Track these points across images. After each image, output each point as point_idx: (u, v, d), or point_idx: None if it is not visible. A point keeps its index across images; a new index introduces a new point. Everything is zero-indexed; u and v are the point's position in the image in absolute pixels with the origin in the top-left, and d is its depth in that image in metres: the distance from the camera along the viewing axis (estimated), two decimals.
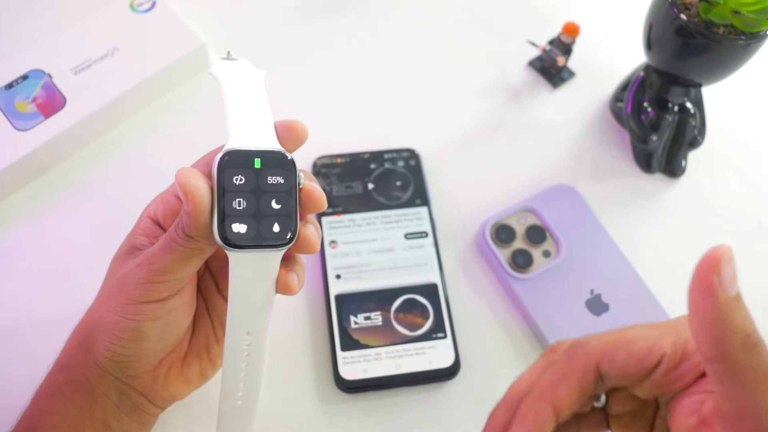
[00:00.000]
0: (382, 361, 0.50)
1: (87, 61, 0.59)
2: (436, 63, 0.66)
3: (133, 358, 0.37)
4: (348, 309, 0.51)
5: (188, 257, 0.35)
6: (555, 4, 0.70)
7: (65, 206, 0.56)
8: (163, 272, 0.35)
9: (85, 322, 0.39)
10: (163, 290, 0.36)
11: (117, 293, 0.36)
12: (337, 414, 0.49)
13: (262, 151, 0.34)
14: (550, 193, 0.57)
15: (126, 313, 0.36)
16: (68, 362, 0.38)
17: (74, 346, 0.38)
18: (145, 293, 0.36)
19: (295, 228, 0.34)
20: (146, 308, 0.36)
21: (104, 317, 0.37)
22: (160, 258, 0.35)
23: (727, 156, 0.63)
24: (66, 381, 0.37)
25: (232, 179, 0.33)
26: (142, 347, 0.37)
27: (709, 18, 0.49)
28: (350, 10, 0.68)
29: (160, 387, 0.40)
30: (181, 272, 0.36)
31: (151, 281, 0.35)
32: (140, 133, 0.60)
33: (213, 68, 0.38)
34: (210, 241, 0.34)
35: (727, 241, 0.59)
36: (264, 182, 0.34)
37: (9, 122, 0.56)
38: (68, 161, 0.58)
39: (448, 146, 0.61)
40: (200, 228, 0.33)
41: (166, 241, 0.35)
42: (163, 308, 0.36)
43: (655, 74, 0.58)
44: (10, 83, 0.57)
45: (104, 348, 0.37)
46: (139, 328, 0.36)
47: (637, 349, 0.31)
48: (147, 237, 0.38)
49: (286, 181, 0.34)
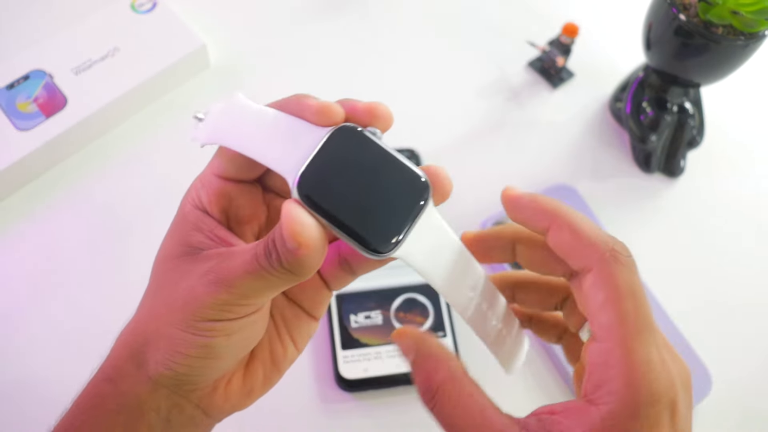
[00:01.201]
0: (383, 360, 0.50)
1: (88, 61, 0.59)
2: (436, 63, 0.66)
3: (198, 376, 0.33)
4: (348, 308, 0.52)
5: (283, 286, 0.30)
6: (554, 5, 0.70)
7: (66, 206, 0.56)
8: (247, 297, 0.30)
9: (134, 333, 0.34)
10: (244, 312, 0.31)
11: (181, 308, 0.31)
12: (338, 412, 0.49)
13: (320, 151, 0.29)
14: (550, 193, 0.58)
15: (195, 330, 0.31)
16: (114, 374, 0.33)
17: (122, 359, 0.33)
18: (221, 314, 0.31)
19: (418, 171, 0.29)
20: (219, 325, 0.31)
21: (163, 332, 0.32)
22: (245, 282, 0.30)
23: (726, 156, 0.63)
24: (111, 394, 0.33)
25: (331, 198, 0.28)
26: (212, 365, 0.32)
27: (708, 18, 0.49)
28: (350, 11, 0.68)
29: (219, 399, 0.35)
30: (270, 296, 0.31)
31: (231, 304, 0.31)
32: (141, 132, 0.60)
33: (200, 138, 0.32)
34: (315, 271, 0.30)
35: (726, 240, 0.60)
36: (349, 174, 0.29)
37: (10, 122, 0.56)
38: (69, 161, 0.58)
39: (448, 146, 0.61)
40: (311, 268, 0.29)
41: (253, 264, 0.30)
42: (237, 324, 0.32)
43: (654, 74, 0.59)
44: (12, 83, 0.57)
45: (163, 366, 0.32)
46: (211, 345, 0.31)
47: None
48: (204, 234, 0.33)
49: (363, 152, 0.29)
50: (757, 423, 0.51)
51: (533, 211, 0.32)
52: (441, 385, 0.31)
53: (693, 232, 0.59)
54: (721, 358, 0.51)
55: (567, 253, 0.31)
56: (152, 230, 0.55)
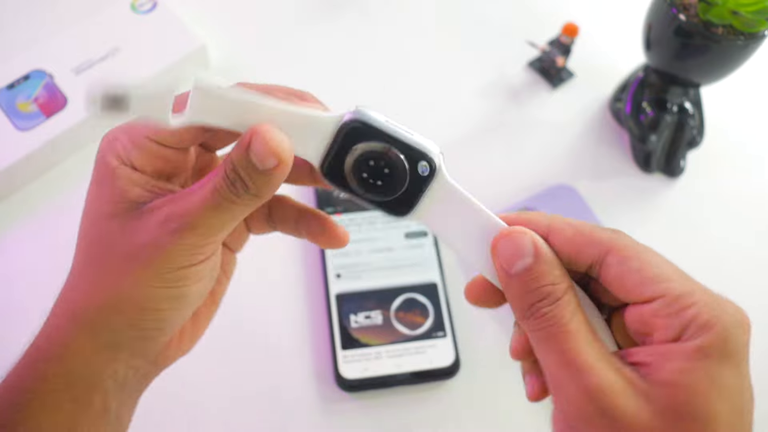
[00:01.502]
0: (383, 360, 0.50)
1: (88, 61, 0.59)
2: (436, 63, 0.66)
3: (167, 329, 0.32)
4: (348, 308, 0.52)
5: (244, 214, 0.30)
6: (554, 5, 0.70)
7: (66, 206, 0.56)
8: (212, 234, 0.30)
9: (83, 303, 0.31)
10: (211, 250, 0.31)
11: (145, 263, 0.29)
12: (338, 412, 0.49)
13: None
14: (550, 193, 0.58)
15: (165, 282, 0.30)
16: (62, 352, 0.31)
17: (72, 333, 0.31)
18: (190, 258, 0.30)
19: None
20: (191, 271, 0.30)
21: (125, 292, 0.30)
22: (208, 218, 0.29)
23: (726, 156, 0.63)
24: (58, 373, 0.31)
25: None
26: (182, 315, 0.32)
27: (708, 18, 0.49)
28: (350, 11, 0.68)
29: (173, 350, 0.34)
30: (232, 227, 0.30)
31: (198, 244, 0.30)
32: None
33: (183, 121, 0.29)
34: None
35: (725, 241, 0.60)
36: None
37: (10, 122, 0.56)
38: (69, 161, 0.58)
39: (448, 146, 0.61)
40: (278, 186, 0.29)
41: (214, 199, 0.29)
42: (207, 265, 0.31)
43: (654, 74, 0.59)
44: (12, 83, 0.57)
45: (129, 326, 0.31)
46: (184, 294, 0.31)
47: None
48: (144, 188, 0.31)
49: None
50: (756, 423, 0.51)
51: (579, 246, 0.30)
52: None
53: (693, 232, 0.59)
54: None
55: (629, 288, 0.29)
56: None
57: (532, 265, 0.29)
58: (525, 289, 0.29)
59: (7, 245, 0.54)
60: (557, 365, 0.27)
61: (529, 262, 0.29)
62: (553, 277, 0.29)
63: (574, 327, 0.28)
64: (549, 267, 0.29)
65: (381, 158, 0.31)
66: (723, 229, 0.59)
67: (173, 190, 0.31)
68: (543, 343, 0.28)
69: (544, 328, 0.28)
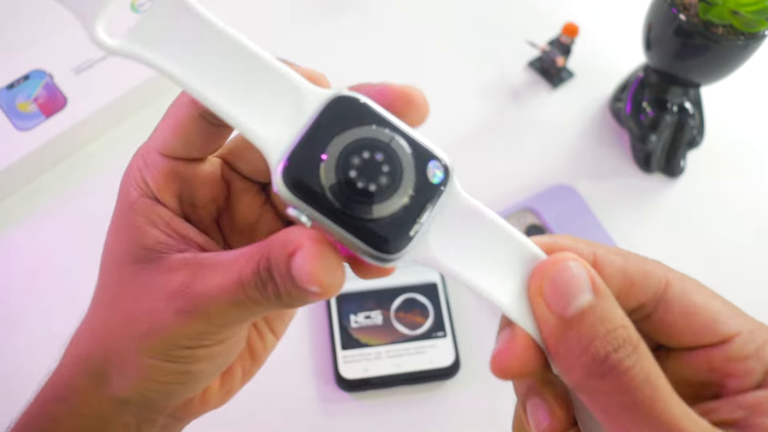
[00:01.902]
0: (383, 360, 0.50)
1: (88, 61, 0.59)
2: (436, 63, 0.66)
3: (175, 398, 0.28)
4: (348, 308, 0.52)
5: (268, 312, 0.25)
6: (554, 4, 0.70)
7: (66, 206, 0.56)
8: (226, 326, 0.26)
9: (89, 348, 0.28)
10: (223, 338, 0.27)
11: (146, 334, 0.26)
12: (338, 412, 0.49)
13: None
14: (550, 193, 0.58)
15: (170, 358, 0.26)
16: (69, 394, 0.28)
17: (76, 377, 0.28)
18: (197, 342, 0.26)
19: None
20: (198, 352, 0.26)
21: (127, 357, 0.27)
22: (225, 312, 0.24)
23: (726, 156, 0.63)
24: (66, 416, 0.28)
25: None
26: (193, 387, 0.28)
27: (708, 18, 0.49)
28: (350, 10, 0.68)
29: (196, 407, 0.30)
30: (251, 321, 0.27)
31: (208, 332, 0.25)
32: (141, 133, 0.60)
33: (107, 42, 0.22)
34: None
35: (725, 241, 0.60)
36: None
37: (10, 122, 0.56)
38: (69, 161, 0.58)
39: (448, 146, 0.61)
40: (311, 300, 0.24)
41: (237, 295, 0.24)
42: (219, 348, 0.27)
43: (654, 74, 0.59)
44: (12, 83, 0.57)
45: (132, 391, 0.27)
46: (191, 371, 0.27)
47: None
48: (159, 229, 0.27)
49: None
50: None
51: (633, 279, 0.24)
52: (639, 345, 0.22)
53: (693, 232, 0.59)
54: None
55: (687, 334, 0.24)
56: None
57: (595, 303, 0.22)
58: (592, 336, 0.21)
59: (6, 245, 0.54)
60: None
61: (589, 300, 0.22)
62: (621, 317, 0.22)
63: (667, 387, 0.21)
64: (614, 305, 0.22)
65: (382, 149, 0.22)
66: (723, 229, 0.59)
67: (193, 240, 0.27)
68: (628, 411, 0.21)
69: (629, 391, 0.21)
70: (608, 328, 0.21)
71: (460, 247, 0.23)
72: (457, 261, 0.23)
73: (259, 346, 0.32)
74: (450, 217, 0.23)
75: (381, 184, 0.22)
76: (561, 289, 0.22)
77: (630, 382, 0.21)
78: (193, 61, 0.22)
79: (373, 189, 0.21)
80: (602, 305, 0.22)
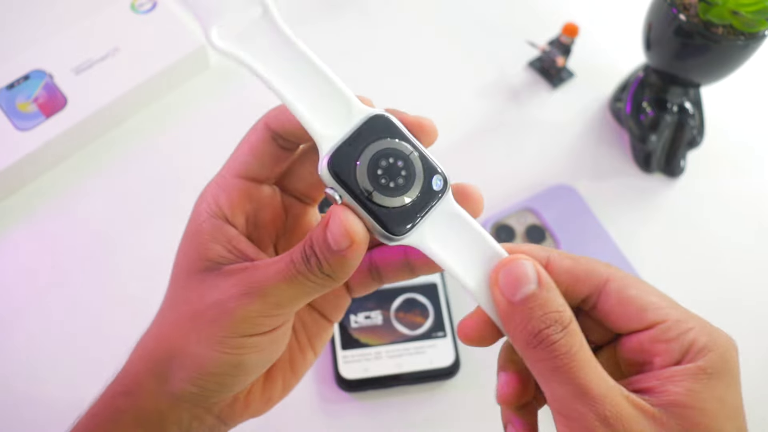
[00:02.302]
0: (383, 360, 0.50)
1: (88, 61, 0.59)
2: (435, 63, 0.66)
3: (225, 392, 0.32)
4: (348, 308, 0.51)
5: (318, 292, 0.30)
6: (554, 5, 0.70)
7: (66, 206, 0.56)
8: (281, 306, 0.30)
9: (155, 347, 0.33)
10: (276, 323, 0.31)
11: (211, 324, 0.30)
12: (338, 412, 0.49)
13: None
14: (550, 193, 0.58)
15: (225, 347, 0.30)
16: (135, 389, 0.33)
17: (142, 373, 0.33)
18: (254, 327, 0.30)
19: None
20: (250, 341, 0.31)
21: (189, 350, 0.31)
22: (280, 290, 0.29)
23: (726, 156, 0.63)
24: (130, 408, 0.32)
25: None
26: (240, 381, 0.32)
27: (708, 18, 0.49)
28: (350, 11, 0.68)
29: (239, 409, 0.35)
30: (303, 304, 0.31)
31: (265, 315, 0.30)
32: (141, 132, 0.60)
33: (218, 43, 0.29)
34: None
35: (725, 240, 0.60)
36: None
37: (10, 122, 0.56)
38: (69, 161, 0.58)
39: (448, 146, 0.61)
40: (351, 270, 0.29)
41: (289, 270, 0.29)
42: (269, 338, 0.31)
43: (654, 74, 0.59)
44: (12, 83, 0.57)
45: (189, 383, 0.31)
46: (242, 363, 0.31)
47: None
48: (221, 245, 0.32)
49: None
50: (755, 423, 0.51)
51: (578, 276, 0.30)
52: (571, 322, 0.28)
53: (693, 232, 0.59)
54: None
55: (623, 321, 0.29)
56: (152, 230, 0.56)
57: (536, 292, 0.28)
58: (530, 317, 0.28)
59: (6, 245, 0.54)
60: (571, 396, 0.27)
61: (533, 289, 0.28)
62: (557, 304, 0.28)
63: (585, 356, 0.27)
64: (554, 294, 0.28)
65: (403, 158, 0.29)
66: (723, 229, 0.59)
67: (252, 257, 0.32)
68: (552, 373, 0.27)
69: (553, 358, 0.27)
70: (545, 311, 0.28)
71: (446, 240, 0.30)
72: (441, 249, 0.30)
73: (300, 360, 0.36)
74: (442, 217, 0.30)
75: (398, 184, 0.29)
76: (512, 280, 0.29)
77: (554, 351, 0.27)
78: (281, 69, 0.30)
79: (392, 186, 0.29)
80: (543, 294, 0.28)
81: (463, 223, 0.30)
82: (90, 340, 0.51)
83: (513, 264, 0.29)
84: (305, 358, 0.36)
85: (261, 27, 0.30)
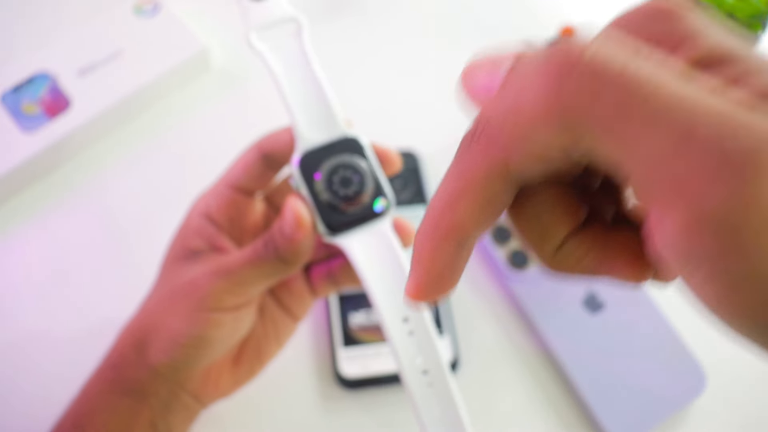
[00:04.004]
0: (383, 358, 0.50)
1: (92, 63, 0.60)
2: (435, 64, 0.67)
3: (192, 364, 0.37)
4: (348, 306, 0.52)
5: (274, 275, 0.36)
6: (552, 6, 0.71)
7: (70, 208, 0.57)
8: (243, 285, 0.36)
9: (138, 323, 0.38)
10: (238, 301, 0.36)
11: (183, 298, 0.36)
12: (337, 410, 0.50)
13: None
14: None
15: (192, 320, 0.36)
16: (119, 361, 0.38)
17: (126, 346, 0.38)
18: (218, 302, 0.36)
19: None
20: (214, 317, 0.36)
21: (164, 322, 0.37)
22: (243, 271, 0.35)
23: None
24: (116, 379, 0.37)
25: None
26: (204, 354, 0.37)
27: None
28: (349, 12, 0.69)
29: (211, 388, 0.40)
30: (263, 286, 0.36)
31: (228, 292, 0.35)
32: (145, 134, 0.61)
33: (255, 43, 0.38)
34: (302, 264, 0.36)
35: None
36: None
37: (14, 124, 0.56)
38: (73, 163, 0.59)
39: (448, 147, 0.62)
40: (301, 255, 0.35)
41: (252, 255, 0.35)
42: (231, 316, 0.36)
43: None
44: (16, 85, 0.58)
45: (162, 353, 0.36)
46: (205, 336, 0.36)
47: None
48: (203, 239, 0.38)
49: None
50: (751, 421, 0.52)
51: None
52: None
53: None
54: (715, 355, 0.52)
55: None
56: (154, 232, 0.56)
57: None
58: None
59: (10, 247, 0.55)
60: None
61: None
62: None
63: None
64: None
65: (360, 174, 0.35)
66: None
67: (227, 250, 0.38)
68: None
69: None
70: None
71: (369, 251, 0.35)
72: (362, 257, 0.34)
73: (265, 349, 0.42)
74: (373, 234, 0.35)
75: (347, 193, 0.34)
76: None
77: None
78: (293, 77, 0.36)
79: (342, 193, 0.34)
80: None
81: (389, 244, 0.35)
82: (96, 340, 0.52)
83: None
84: (270, 349, 0.42)
85: (291, 39, 0.38)
